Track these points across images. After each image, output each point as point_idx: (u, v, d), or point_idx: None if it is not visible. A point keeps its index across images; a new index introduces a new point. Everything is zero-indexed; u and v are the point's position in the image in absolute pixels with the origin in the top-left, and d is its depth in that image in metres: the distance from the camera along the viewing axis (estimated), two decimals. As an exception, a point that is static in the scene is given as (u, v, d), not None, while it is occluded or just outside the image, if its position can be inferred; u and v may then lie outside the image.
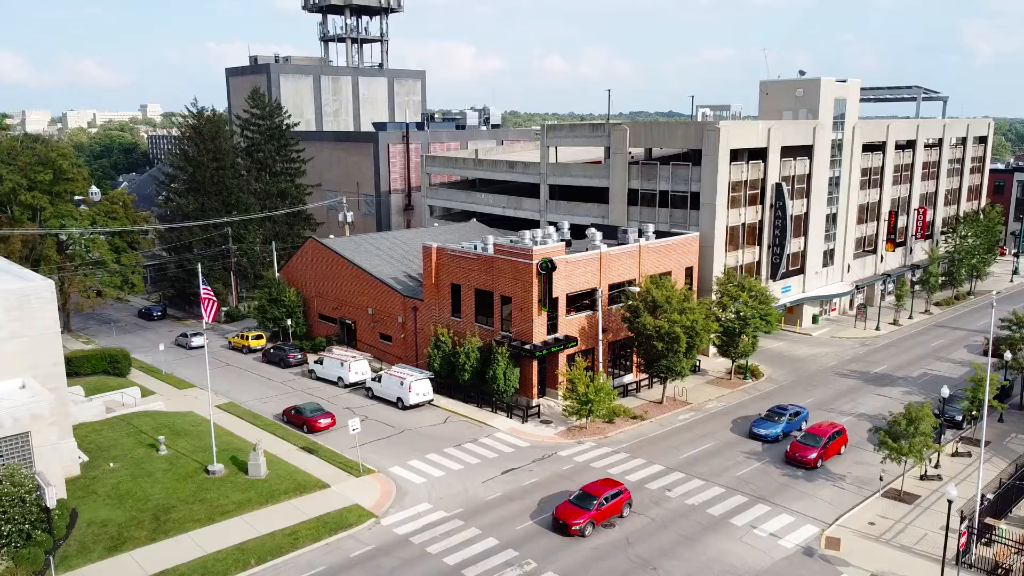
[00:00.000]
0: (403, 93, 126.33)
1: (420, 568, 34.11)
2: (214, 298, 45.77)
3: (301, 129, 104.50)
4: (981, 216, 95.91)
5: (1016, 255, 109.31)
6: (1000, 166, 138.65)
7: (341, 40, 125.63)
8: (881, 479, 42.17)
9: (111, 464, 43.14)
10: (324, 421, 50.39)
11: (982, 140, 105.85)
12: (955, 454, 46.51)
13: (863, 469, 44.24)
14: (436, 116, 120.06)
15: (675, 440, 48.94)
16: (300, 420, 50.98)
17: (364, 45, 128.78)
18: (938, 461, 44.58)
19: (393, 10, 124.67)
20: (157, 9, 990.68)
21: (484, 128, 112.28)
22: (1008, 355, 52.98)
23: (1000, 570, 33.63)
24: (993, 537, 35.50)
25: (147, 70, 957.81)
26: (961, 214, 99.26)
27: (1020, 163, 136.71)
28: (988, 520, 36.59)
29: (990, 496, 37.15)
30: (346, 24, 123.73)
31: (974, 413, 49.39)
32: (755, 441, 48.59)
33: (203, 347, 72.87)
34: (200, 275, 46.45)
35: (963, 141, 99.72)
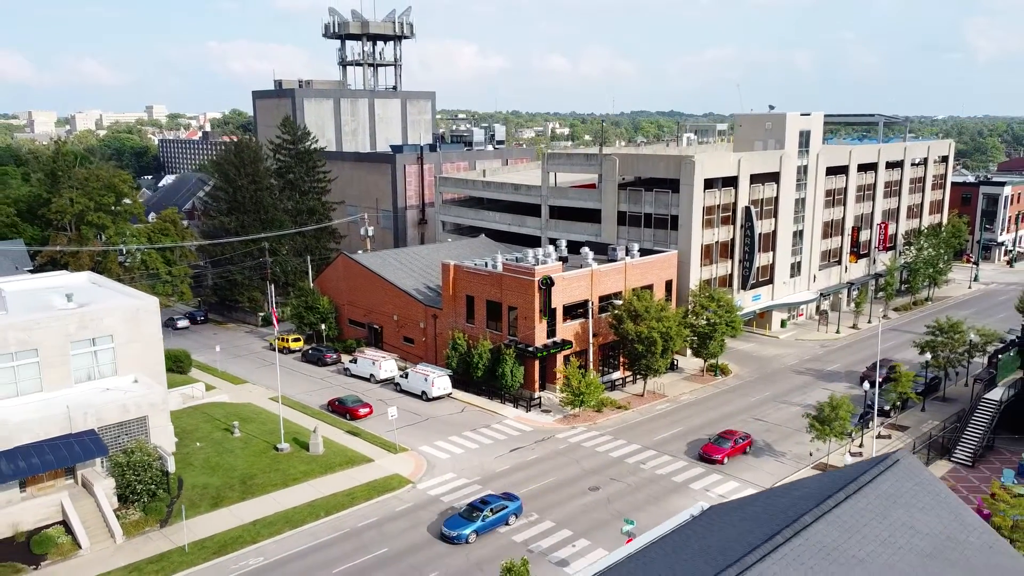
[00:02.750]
0: (415, 112, 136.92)
1: (450, 518, 44.90)
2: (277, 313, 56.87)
3: (322, 147, 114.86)
4: (941, 230, 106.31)
5: (975, 263, 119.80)
6: (971, 179, 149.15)
7: (358, 64, 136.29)
8: (811, 455, 52.88)
9: (197, 444, 53.83)
10: (363, 411, 61.15)
11: (944, 159, 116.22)
12: (879, 436, 57.18)
13: (801, 448, 54.85)
14: (444, 134, 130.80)
15: (652, 425, 59.65)
16: (343, 410, 61.73)
17: (379, 68, 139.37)
18: (862, 441, 55.24)
19: (406, 36, 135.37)
20: (157, 7, 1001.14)
21: (490, 148, 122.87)
22: (928, 356, 63.70)
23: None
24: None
25: (149, 69, 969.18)
26: (924, 227, 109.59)
27: (985, 176, 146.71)
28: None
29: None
30: (363, 51, 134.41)
31: (897, 404, 60.09)
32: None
33: (187, 328, 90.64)
34: (272, 295, 57.52)
35: (924, 161, 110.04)
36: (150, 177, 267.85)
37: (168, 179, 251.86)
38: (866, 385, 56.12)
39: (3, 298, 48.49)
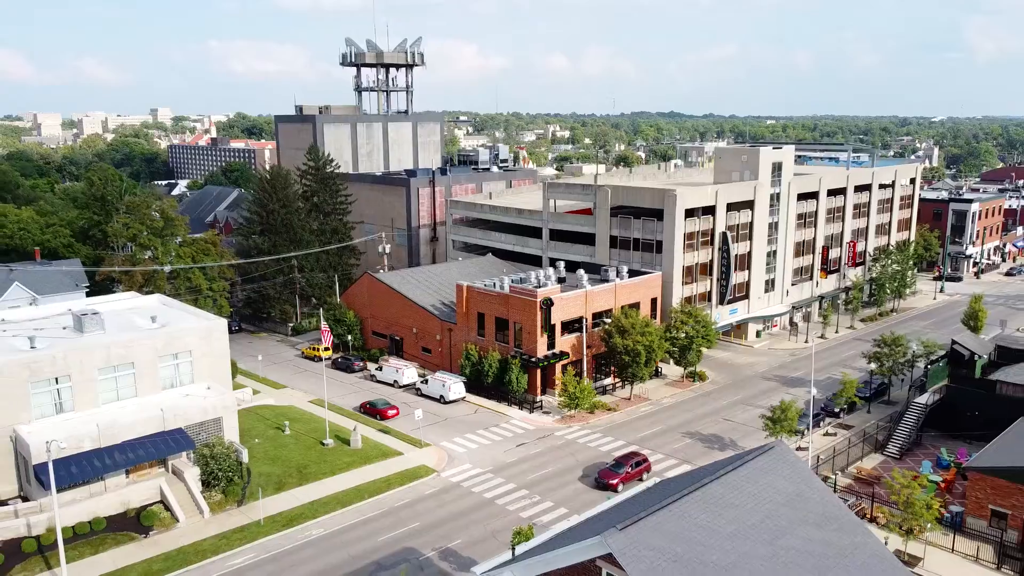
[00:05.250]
0: (425, 134, 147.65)
1: (469, 499, 55.70)
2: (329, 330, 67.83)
3: (340, 170, 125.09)
4: (907, 246, 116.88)
5: (941, 276, 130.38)
6: (944, 195, 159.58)
7: (372, 91, 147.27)
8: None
9: (256, 440, 64.40)
10: (391, 412, 71.86)
11: (912, 181, 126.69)
12: (826, 434, 67.86)
13: (757, 444, 65.41)
14: (453, 156, 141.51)
15: (636, 425, 70.38)
16: (374, 411, 72.42)
17: (392, 93, 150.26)
18: (811, 438, 65.85)
19: (416, 65, 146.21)
20: (156, 6, 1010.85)
21: (495, 169, 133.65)
22: (874, 365, 74.36)
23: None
24: (827, 483, 56.76)
25: (150, 69, 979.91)
26: (893, 243, 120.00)
27: (956, 193, 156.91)
28: (826, 473, 57.94)
29: (821, 456, 58.47)
30: (377, 78, 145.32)
31: (844, 407, 70.82)
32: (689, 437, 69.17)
33: None
34: (321, 315, 68.39)
35: (892, 184, 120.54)
36: (163, 184, 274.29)
37: (180, 185, 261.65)
38: (813, 390, 66.60)
39: (102, 320, 59.19)
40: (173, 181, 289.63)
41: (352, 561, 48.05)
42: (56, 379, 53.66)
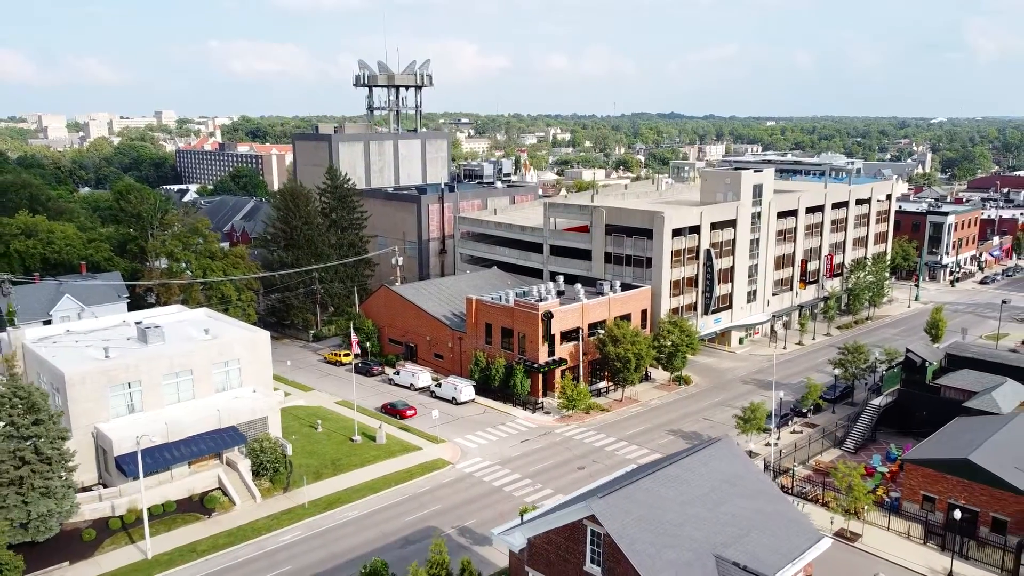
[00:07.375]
0: (432, 151, 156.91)
1: (481, 487, 64.95)
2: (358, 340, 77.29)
3: (353, 184, 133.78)
4: (883, 258, 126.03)
5: (917, 284, 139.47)
6: (924, 207, 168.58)
7: (383, 110, 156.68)
8: (737, 445, 72.57)
9: (293, 436, 73.62)
10: (410, 412, 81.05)
11: (888, 197, 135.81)
12: (793, 432, 77.05)
13: (734, 440, 74.66)
14: (459, 173, 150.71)
15: (626, 424, 79.59)
16: (394, 411, 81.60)
17: (401, 106, 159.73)
18: (779, 435, 75.03)
19: (425, 86, 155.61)
20: (156, 6, 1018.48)
21: (499, 184, 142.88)
22: (839, 370, 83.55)
23: (788, 492, 63.97)
24: (788, 473, 65.97)
25: (151, 69, 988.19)
26: (870, 256, 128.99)
27: (935, 206, 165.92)
28: (788, 464, 67.10)
29: (783, 450, 67.63)
30: (388, 99, 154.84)
31: (811, 407, 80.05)
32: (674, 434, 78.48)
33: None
34: (352, 328, 77.92)
35: (868, 200, 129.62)
36: (174, 189, 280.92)
37: (191, 191, 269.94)
38: (782, 393, 75.72)
39: (163, 331, 68.42)
40: (183, 186, 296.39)
41: (384, 537, 57.27)
42: (128, 384, 62.89)
